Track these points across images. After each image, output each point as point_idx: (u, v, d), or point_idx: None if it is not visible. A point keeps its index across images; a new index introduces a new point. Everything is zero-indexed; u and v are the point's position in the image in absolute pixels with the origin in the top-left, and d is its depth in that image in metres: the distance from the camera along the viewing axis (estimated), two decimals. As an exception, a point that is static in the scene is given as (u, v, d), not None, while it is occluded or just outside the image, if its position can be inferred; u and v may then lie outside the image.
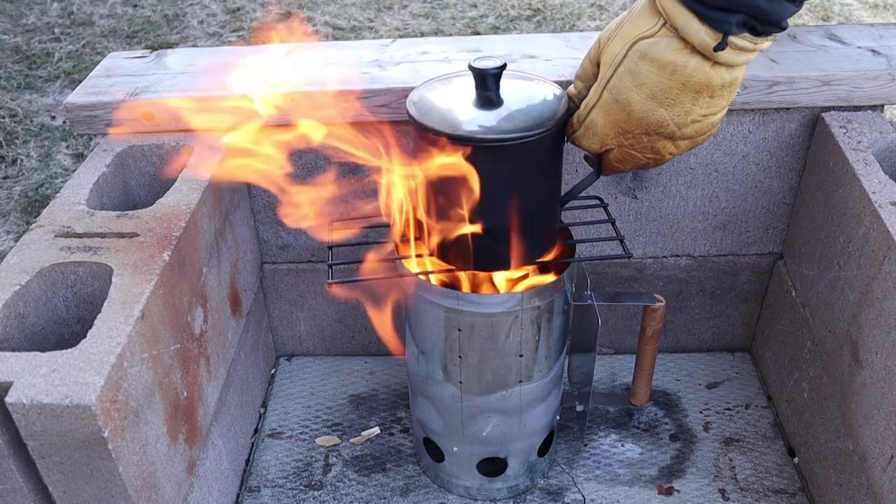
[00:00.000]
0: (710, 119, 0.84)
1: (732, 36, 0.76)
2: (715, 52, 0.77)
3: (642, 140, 0.86)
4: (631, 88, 0.82)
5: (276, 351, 1.48)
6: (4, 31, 3.22)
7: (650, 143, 0.86)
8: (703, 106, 0.82)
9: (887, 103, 1.15)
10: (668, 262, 1.34)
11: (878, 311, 0.98)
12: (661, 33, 0.79)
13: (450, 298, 1.00)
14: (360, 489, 1.23)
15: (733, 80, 0.81)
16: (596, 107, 0.86)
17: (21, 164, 2.36)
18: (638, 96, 0.82)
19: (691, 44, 0.77)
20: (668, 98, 0.81)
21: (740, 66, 0.80)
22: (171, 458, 0.92)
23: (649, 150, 0.87)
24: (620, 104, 0.84)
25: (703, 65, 0.79)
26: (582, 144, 0.91)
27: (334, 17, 3.33)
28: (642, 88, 0.82)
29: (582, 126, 0.89)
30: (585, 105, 0.88)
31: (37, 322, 0.89)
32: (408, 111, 0.92)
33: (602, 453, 1.28)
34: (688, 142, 0.87)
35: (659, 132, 0.84)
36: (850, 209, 1.06)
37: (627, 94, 0.83)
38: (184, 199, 1.02)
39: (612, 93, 0.84)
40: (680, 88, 0.80)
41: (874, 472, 0.98)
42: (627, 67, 0.82)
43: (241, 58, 1.25)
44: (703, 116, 0.83)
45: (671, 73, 0.80)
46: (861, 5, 3.28)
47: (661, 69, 0.80)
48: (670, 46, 0.79)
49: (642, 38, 0.80)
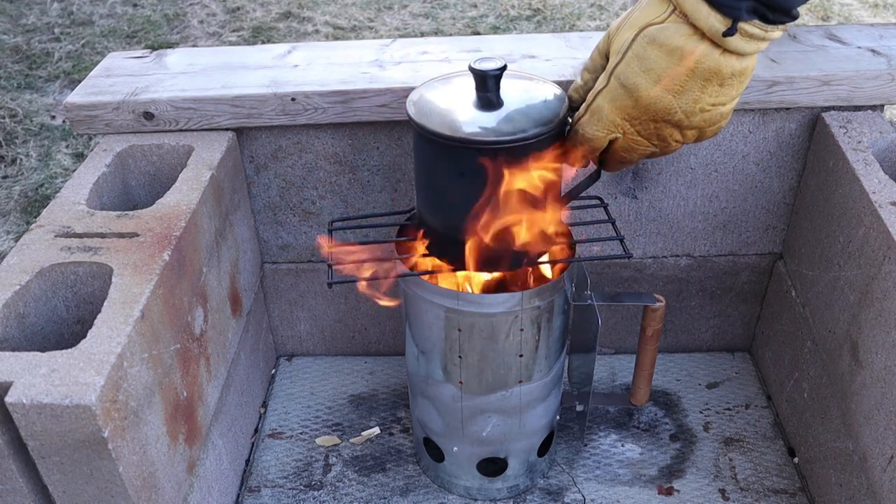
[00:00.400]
0: (720, 109, 0.83)
1: (742, 23, 0.75)
2: (724, 38, 0.76)
3: (649, 127, 0.85)
4: (638, 74, 0.81)
5: (277, 351, 1.48)
6: (4, 31, 3.22)
7: (657, 130, 0.85)
8: (712, 95, 0.81)
9: (887, 103, 1.15)
10: (668, 262, 1.34)
11: (878, 311, 0.98)
12: (671, 19, 0.78)
13: (450, 298, 0.99)
14: (360, 489, 1.23)
15: (743, 69, 0.80)
16: (603, 92, 0.85)
17: (21, 163, 2.36)
18: (645, 82, 0.81)
19: (700, 30, 0.77)
20: (676, 84, 0.80)
21: (750, 56, 0.79)
22: (171, 458, 0.92)
23: (655, 137, 0.86)
24: (627, 89, 0.83)
25: (712, 51, 0.78)
26: (587, 132, 0.88)
27: (334, 17, 3.33)
28: (650, 74, 0.81)
29: (588, 111, 0.88)
30: (593, 91, 0.87)
31: (37, 322, 0.89)
32: (407, 111, 0.92)
33: (602, 453, 1.28)
34: (696, 132, 0.86)
35: (666, 119, 0.83)
36: (850, 209, 1.06)
37: (635, 79, 0.82)
38: (184, 199, 1.02)
39: (620, 78, 0.83)
40: (688, 75, 0.79)
41: (874, 472, 0.98)
42: (635, 52, 0.81)
43: (241, 57, 1.25)
44: (711, 106, 0.82)
45: (679, 59, 0.79)
46: (861, 5, 3.28)
47: (670, 54, 0.79)
48: (679, 32, 0.78)
49: (651, 25, 0.80)
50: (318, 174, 1.24)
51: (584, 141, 0.89)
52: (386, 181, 1.25)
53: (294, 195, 1.27)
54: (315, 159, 1.23)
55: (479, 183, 0.90)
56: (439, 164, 0.93)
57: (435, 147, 0.91)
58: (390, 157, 1.22)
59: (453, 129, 0.88)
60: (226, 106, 1.14)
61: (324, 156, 1.22)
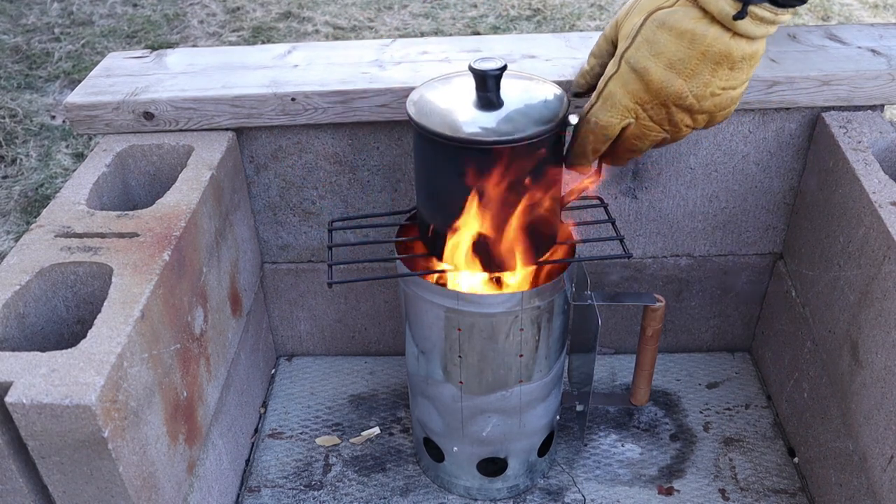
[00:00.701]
0: (730, 94, 0.83)
1: (752, 6, 0.75)
2: (734, 20, 0.76)
3: (660, 112, 0.84)
4: (648, 58, 0.81)
5: (276, 351, 1.48)
6: (4, 31, 3.22)
7: (668, 115, 0.85)
8: (722, 78, 0.81)
9: (887, 103, 1.15)
10: (668, 262, 1.34)
11: (878, 311, 0.98)
12: (680, 3, 0.78)
13: (450, 298, 0.99)
14: (360, 489, 1.23)
15: (754, 52, 0.80)
16: (614, 77, 0.85)
17: (21, 163, 2.36)
18: (655, 66, 0.81)
19: (710, 13, 0.76)
20: (687, 68, 0.80)
21: (760, 39, 0.79)
22: (171, 458, 0.92)
23: (667, 122, 0.86)
24: (638, 73, 0.82)
25: (722, 35, 0.78)
26: (601, 119, 0.88)
27: (334, 17, 3.33)
28: (660, 58, 0.80)
29: (600, 98, 0.87)
30: (603, 78, 0.87)
31: (37, 322, 0.89)
32: (408, 111, 0.92)
33: (602, 453, 1.28)
34: (706, 116, 0.85)
35: (678, 104, 0.83)
36: (850, 209, 1.06)
37: (645, 63, 0.81)
38: (184, 199, 1.02)
39: (630, 62, 0.83)
40: (699, 58, 0.79)
41: (874, 472, 0.98)
42: (645, 37, 0.81)
43: (241, 57, 1.25)
44: (722, 90, 0.82)
45: (690, 42, 0.78)
46: (861, 5, 3.28)
47: (679, 38, 0.79)
48: (688, 15, 0.78)
49: (660, 9, 0.80)
50: (318, 174, 1.24)
51: (598, 129, 0.89)
52: (386, 181, 1.25)
53: (294, 195, 1.27)
54: (315, 159, 1.23)
55: (479, 183, 0.90)
56: (439, 163, 0.93)
57: (435, 147, 0.91)
58: (390, 157, 1.22)
59: (453, 129, 0.88)
60: (226, 106, 1.14)
61: (324, 156, 1.22)
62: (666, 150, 1.21)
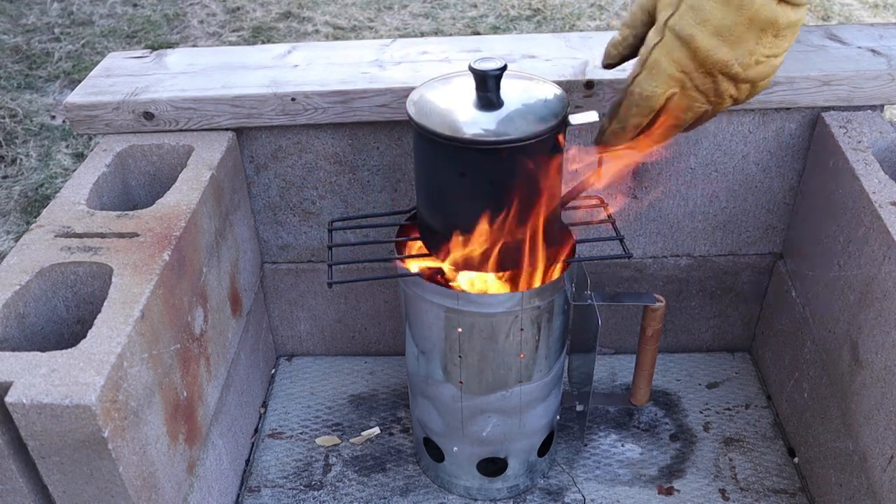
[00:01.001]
0: (773, 62, 0.83)
1: None
2: None
3: (706, 81, 0.84)
4: (693, 25, 0.80)
5: (276, 351, 1.48)
6: (4, 31, 3.22)
7: (714, 84, 0.84)
8: (766, 46, 0.81)
9: (887, 103, 1.15)
10: (668, 262, 1.34)
11: (878, 311, 0.98)
12: None
13: (450, 298, 0.99)
14: (360, 489, 1.23)
15: (798, 19, 0.80)
16: (658, 46, 0.84)
17: (21, 163, 2.36)
18: (702, 33, 0.80)
19: None
20: (734, 35, 0.79)
21: (803, 6, 0.79)
22: (171, 458, 0.92)
23: (713, 92, 0.85)
24: (684, 41, 0.81)
25: (769, 1, 0.77)
26: (646, 90, 0.86)
27: (334, 17, 3.33)
28: (706, 25, 0.80)
29: (645, 67, 0.86)
30: (645, 47, 0.86)
31: (37, 322, 0.89)
32: (408, 111, 0.92)
33: (602, 453, 1.28)
34: (748, 86, 0.85)
35: (724, 72, 0.82)
36: (850, 209, 1.06)
37: (690, 30, 0.80)
38: (184, 199, 1.02)
39: (675, 30, 0.82)
40: (746, 25, 0.79)
41: (874, 472, 0.98)
42: (690, 4, 0.80)
43: (241, 57, 1.25)
44: (766, 57, 0.82)
45: (737, 8, 0.78)
46: (861, 5, 3.28)
47: (726, 4, 0.78)
48: None
49: None
50: (318, 174, 1.24)
51: (642, 101, 0.87)
52: (386, 181, 1.25)
53: (294, 195, 1.27)
54: (315, 159, 1.23)
55: (480, 183, 0.90)
56: (439, 164, 0.93)
57: (435, 147, 0.91)
58: (390, 157, 1.22)
59: (453, 130, 0.88)
60: (226, 106, 1.14)
61: (324, 156, 1.22)
62: (666, 150, 1.21)
